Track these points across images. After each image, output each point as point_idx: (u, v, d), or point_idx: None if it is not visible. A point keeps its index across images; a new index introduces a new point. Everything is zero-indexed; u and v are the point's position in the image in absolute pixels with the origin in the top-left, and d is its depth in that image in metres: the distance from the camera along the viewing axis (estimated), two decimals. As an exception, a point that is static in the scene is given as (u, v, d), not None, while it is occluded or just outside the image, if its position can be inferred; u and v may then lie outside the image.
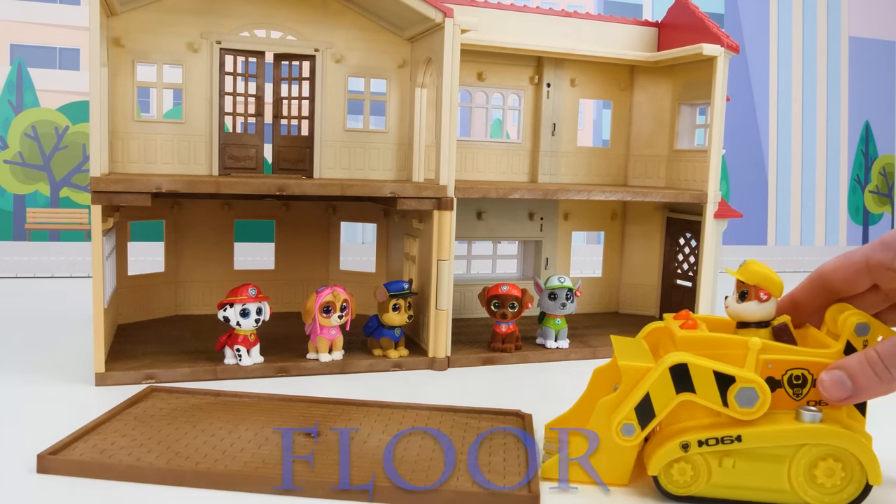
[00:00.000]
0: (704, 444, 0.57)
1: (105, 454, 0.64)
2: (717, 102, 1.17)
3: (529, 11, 1.23)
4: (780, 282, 0.60)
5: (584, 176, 1.36)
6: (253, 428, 0.72)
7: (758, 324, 0.60)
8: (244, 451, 0.66)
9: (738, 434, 0.56)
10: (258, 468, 0.62)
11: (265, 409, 0.78)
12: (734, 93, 2.08)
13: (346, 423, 0.74)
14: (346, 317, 0.96)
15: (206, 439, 0.69)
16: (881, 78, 2.29)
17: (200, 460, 0.63)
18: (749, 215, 2.18)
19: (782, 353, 0.58)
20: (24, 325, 1.18)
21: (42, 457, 0.62)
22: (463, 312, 1.29)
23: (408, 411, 0.78)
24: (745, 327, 0.61)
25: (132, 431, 0.70)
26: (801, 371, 0.57)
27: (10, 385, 0.87)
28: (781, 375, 0.57)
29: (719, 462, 0.57)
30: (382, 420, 0.76)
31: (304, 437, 0.69)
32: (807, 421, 0.56)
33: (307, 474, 0.61)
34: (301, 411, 0.77)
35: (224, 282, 1.21)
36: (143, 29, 1.06)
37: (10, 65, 1.62)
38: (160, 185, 0.88)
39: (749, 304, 0.60)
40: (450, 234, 1.00)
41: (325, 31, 1.13)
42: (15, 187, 1.64)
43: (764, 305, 0.60)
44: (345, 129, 1.16)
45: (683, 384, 0.57)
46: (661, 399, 0.58)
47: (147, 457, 0.63)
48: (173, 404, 0.78)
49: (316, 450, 0.66)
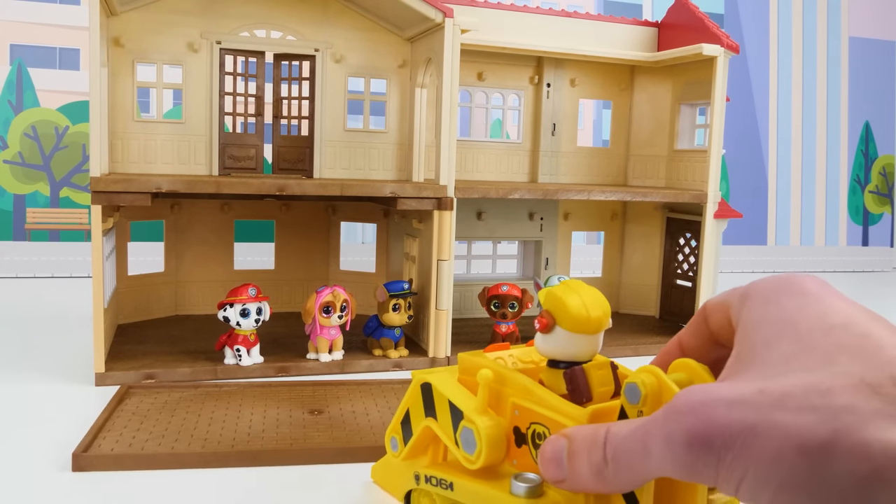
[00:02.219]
0: (428, 481, 0.50)
1: (133, 447, 0.66)
2: (717, 102, 1.17)
3: (529, 11, 1.23)
4: (577, 313, 0.42)
5: (584, 176, 1.36)
6: (257, 412, 0.77)
7: (569, 364, 0.44)
8: (266, 432, 0.71)
9: (451, 481, 0.47)
10: (293, 443, 0.69)
11: (252, 395, 0.82)
12: (734, 93, 2.08)
13: (337, 401, 0.82)
14: (346, 317, 0.96)
15: (221, 425, 0.73)
16: (881, 78, 2.29)
17: (233, 442, 0.68)
18: (749, 215, 2.18)
19: (528, 400, 0.44)
20: (24, 325, 1.18)
21: (77, 455, 0.63)
22: (463, 312, 1.29)
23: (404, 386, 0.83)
24: (554, 366, 0.45)
25: (141, 426, 0.72)
26: (543, 428, 0.43)
27: (11, 385, 0.87)
28: (526, 428, 0.44)
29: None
30: (373, 397, 0.83)
31: (311, 415, 0.77)
32: (515, 493, 0.42)
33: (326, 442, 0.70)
34: (286, 394, 0.83)
35: (224, 282, 1.21)
36: (143, 29, 1.06)
37: (10, 65, 1.62)
38: (160, 185, 0.88)
39: (537, 335, 0.45)
40: (450, 234, 1.00)
41: (325, 31, 1.13)
42: (15, 187, 1.64)
43: (546, 337, 0.44)
44: (345, 129, 1.16)
45: (429, 408, 0.50)
46: (416, 418, 0.51)
47: (178, 445, 0.67)
48: (161, 399, 0.80)
49: (324, 423, 0.75)
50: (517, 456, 0.44)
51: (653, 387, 0.38)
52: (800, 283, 0.36)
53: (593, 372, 0.43)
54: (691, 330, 0.43)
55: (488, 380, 0.45)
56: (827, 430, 0.28)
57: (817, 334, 0.32)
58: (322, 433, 0.72)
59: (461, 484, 0.46)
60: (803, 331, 0.33)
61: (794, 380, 0.30)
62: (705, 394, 0.32)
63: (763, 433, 0.29)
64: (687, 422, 0.31)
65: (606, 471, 0.36)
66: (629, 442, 0.35)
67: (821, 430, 0.28)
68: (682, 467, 0.32)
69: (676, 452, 0.32)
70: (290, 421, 0.75)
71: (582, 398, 0.42)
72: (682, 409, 0.32)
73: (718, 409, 0.31)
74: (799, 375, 0.31)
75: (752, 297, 0.37)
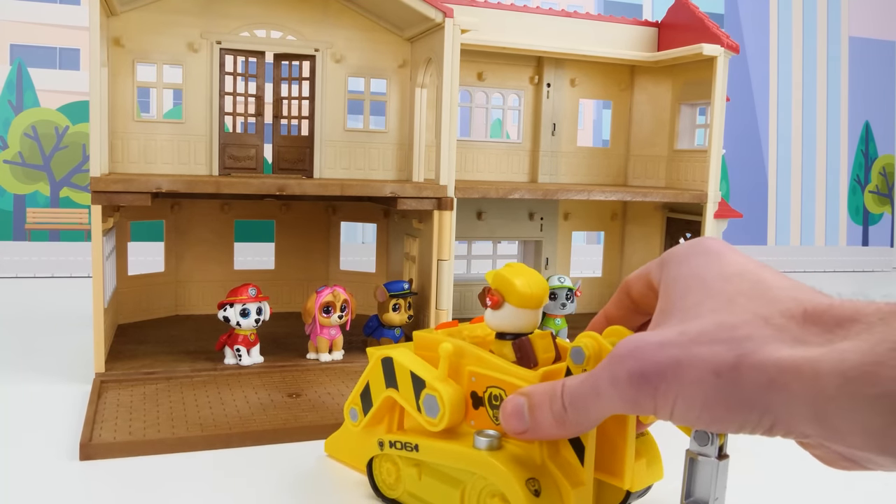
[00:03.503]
0: (392, 446, 0.54)
1: (134, 435, 0.68)
2: (717, 102, 1.17)
3: (529, 11, 1.23)
4: (524, 290, 0.49)
5: (584, 176, 1.36)
6: (238, 397, 0.81)
7: (515, 336, 0.50)
8: (255, 414, 0.75)
9: (416, 443, 0.52)
10: (286, 423, 0.72)
11: (227, 382, 0.86)
12: (734, 93, 2.08)
13: (309, 385, 0.87)
14: (346, 317, 0.96)
15: (209, 410, 0.76)
16: (881, 78, 2.29)
17: (232, 425, 0.71)
18: (749, 215, 2.18)
19: (484, 367, 0.50)
20: (24, 325, 1.18)
21: (84, 444, 0.65)
22: (463, 312, 1.29)
23: None
24: (501, 338, 0.51)
25: (132, 416, 0.73)
26: (499, 390, 0.49)
27: (11, 385, 0.87)
28: (483, 392, 0.50)
29: (410, 470, 0.54)
30: (340, 379, 0.89)
31: (291, 398, 0.82)
32: (477, 447, 0.48)
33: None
34: (259, 381, 0.87)
35: (224, 282, 1.21)
36: (143, 29, 1.06)
37: (10, 65, 1.62)
38: (160, 185, 0.88)
39: (487, 311, 0.51)
40: (450, 234, 1.00)
41: (325, 31, 1.13)
42: (15, 187, 1.64)
43: (495, 313, 0.50)
44: (345, 129, 1.16)
45: (391, 379, 0.55)
46: (376, 390, 0.57)
47: (177, 430, 0.69)
48: (139, 390, 0.82)
49: (307, 405, 0.79)
50: (474, 417, 0.51)
51: (594, 348, 0.45)
52: (704, 244, 0.44)
53: (538, 342, 0.50)
54: (615, 303, 0.51)
55: (449, 352, 0.51)
56: (734, 355, 0.36)
57: (719, 283, 0.40)
58: (309, 413, 0.76)
59: (426, 445, 0.52)
60: (709, 281, 0.41)
61: (706, 321, 0.38)
62: (638, 340, 0.40)
63: (686, 363, 0.37)
64: (627, 363, 0.39)
65: (566, 416, 0.43)
66: (582, 388, 0.42)
67: (729, 355, 0.36)
68: (626, 401, 0.39)
69: (622, 389, 0.39)
70: (274, 404, 0.79)
71: (530, 363, 0.49)
72: (623, 353, 0.40)
73: (650, 350, 0.39)
74: (709, 317, 0.38)
75: (667, 262, 0.45)
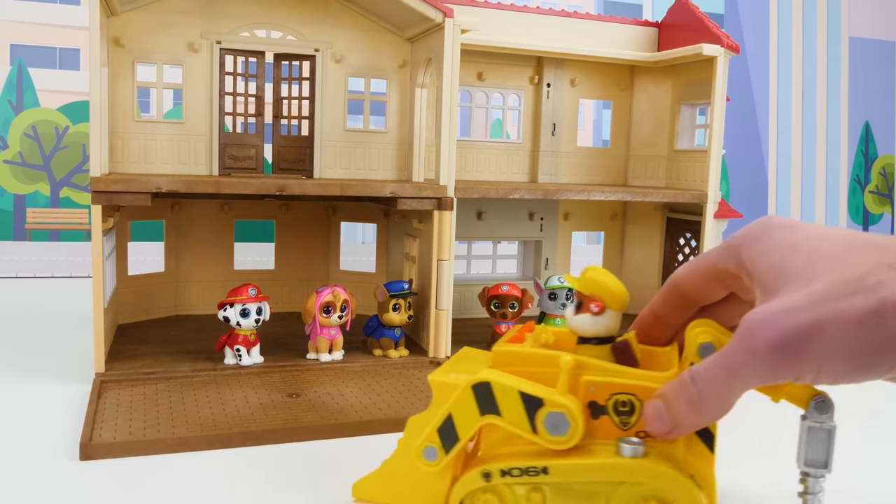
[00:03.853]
0: (507, 475, 0.50)
1: (135, 435, 0.68)
2: (717, 102, 1.17)
3: (529, 11, 1.23)
4: (620, 292, 0.50)
5: (584, 176, 1.36)
6: (238, 397, 0.80)
7: (601, 340, 0.51)
8: (256, 414, 0.75)
9: (545, 465, 0.49)
10: (286, 423, 0.72)
11: (226, 382, 0.86)
12: (734, 93, 2.08)
13: (308, 384, 0.86)
14: (346, 317, 0.96)
15: (209, 410, 0.75)
16: (881, 78, 2.29)
17: (232, 425, 0.71)
18: (749, 215, 2.17)
19: (606, 375, 0.49)
20: (24, 325, 1.18)
21: (84, 444, 0.65)
22: (463, 312, 1.29)
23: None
24: (586, 343, 0.51)
25: (132, 416, 0.73)
26: (627, 397, 0.48)
27: (11, 385, 0.87)
28: (606, 400, 0.49)
29: (527, 496, 0.50)
30: (339, 379, 0.89)
31: (291, 398, 0.82)
32: (625, 455, 0.47)
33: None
34: (258, 381, 0.87)
35: (224, 282, 1.21)
36: (143, 29, 1.06)
37: (10, 65, 1.62)
38: (160, 185, 0.88)
39: (582, 317, 0.50)
40: (450, 234, 1.00)
41: (325, 31, 1.13)
42: (15, 187, 1.64)
43: (598, 319, 0.50)
44: (345, 129, 1.16)
45: (488, 405, 0.50)
46: (465, 421, 0.51)
47: (177, 430, 0.69)
48: (139, 390, 0.82)
49: (307, 404, 0.79)
50: (595, 427, 0.49)
51: (720, 341, 0.46)
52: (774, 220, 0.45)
53: (634, 343, 0.51)
54: (663, 300, 0.52)
55: (570, 366, 0.49)
56: (874, 300, 0.37)
57: (821, 245, 0.41)
58: (309, 413, 0.75)
59: (557, 464, 0.49)
60: (809, 247, 0.41)
61: (826, 279, 0.39)
62: (767, 312, 0.40)
63: (828, 320, 0.38)
64: (765, 334, 0.39)
65: (701, 403, 0.43)
66: (712, 370, 0.43)
67: (869, 302, 0.37)
68: (768, 371, 0.40)
69: (762, 360, 0.40)
70: (274, 404, 0.78)
71: (634, 366, 0.49)
72: (756, 325, 0.40)
73: (785, 317, 0.39)
74: (828, 275, 0.39)
75: (745, 242, 0.45)
